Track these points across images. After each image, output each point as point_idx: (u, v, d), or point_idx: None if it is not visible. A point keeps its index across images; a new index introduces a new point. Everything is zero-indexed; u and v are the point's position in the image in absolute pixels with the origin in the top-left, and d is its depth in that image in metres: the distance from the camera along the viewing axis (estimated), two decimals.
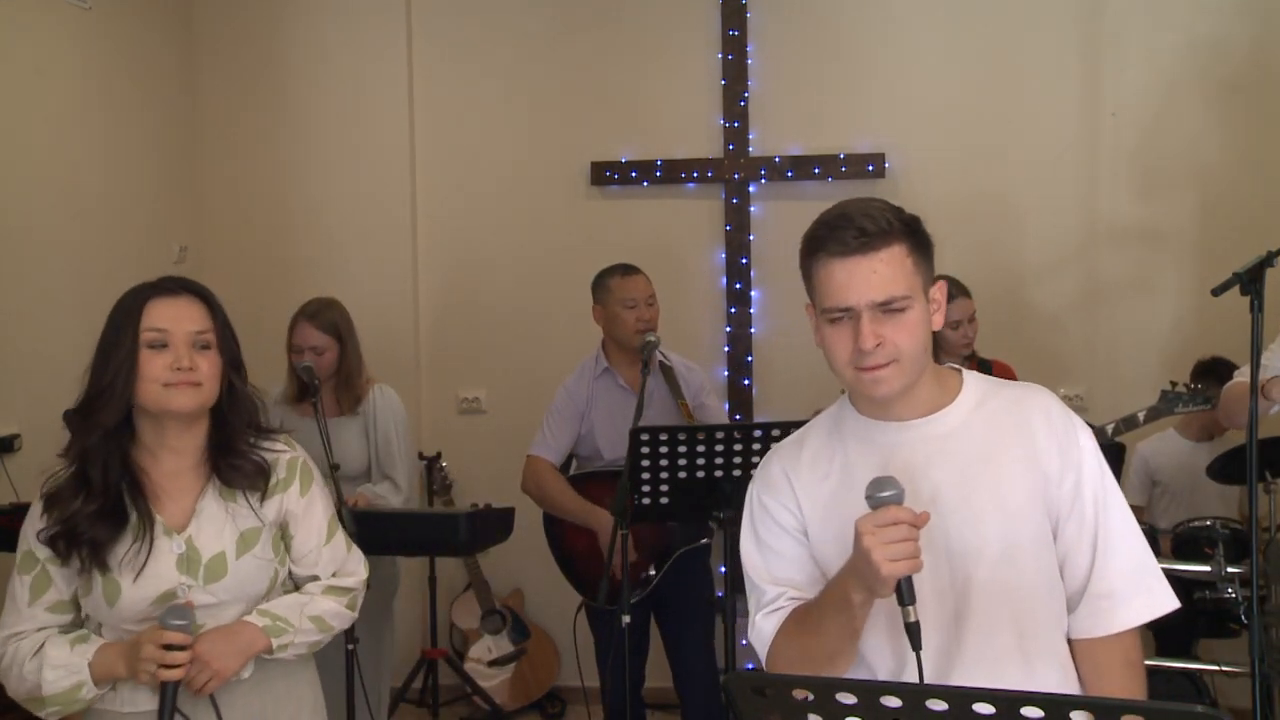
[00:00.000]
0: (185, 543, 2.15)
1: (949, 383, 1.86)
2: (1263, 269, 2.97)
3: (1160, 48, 4.89)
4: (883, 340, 1.73)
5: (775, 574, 1.87)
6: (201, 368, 2.16)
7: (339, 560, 2.32)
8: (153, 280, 2.28)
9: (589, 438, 3.91)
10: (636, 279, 3.86)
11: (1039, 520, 1.77)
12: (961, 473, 1.78)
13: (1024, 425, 1.80)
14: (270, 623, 2.17)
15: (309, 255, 5.19)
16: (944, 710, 1.30)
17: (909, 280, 1.75)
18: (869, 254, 1.74)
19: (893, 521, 1.62)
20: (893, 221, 1.76)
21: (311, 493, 2.29)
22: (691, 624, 3.82)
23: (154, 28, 5.08)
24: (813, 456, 1.89)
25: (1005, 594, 1.75)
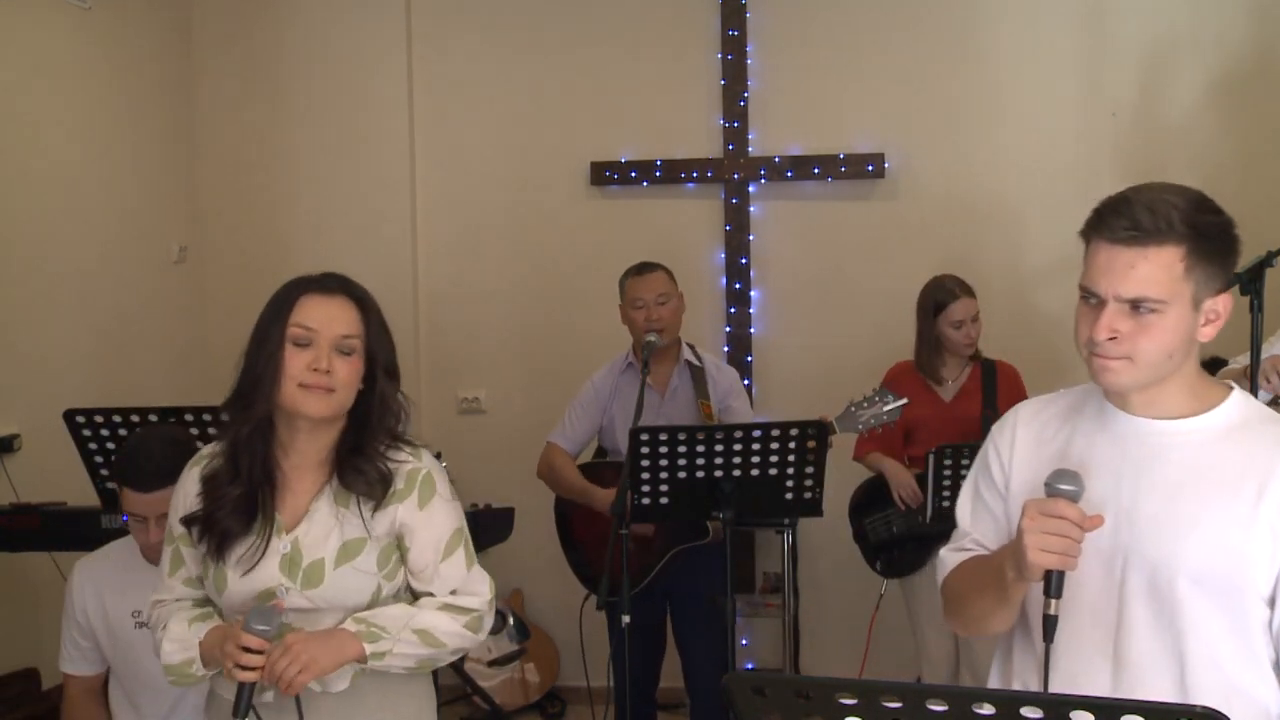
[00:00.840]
0: (291, 544, 2.13)
1: (1208, 395, 1.76)
2: (1262, 269, 2.98)
3: (1161, 47, 4.89)
4: (1119, 336, 1.68)
5: (972, 518, 1.90)
6: (340, 373, 2.11)
7: (458, 579, 2.19)
8: (310, 274, 2.22)
9: (609, 431, 3.94)
10: (647, 279, 3.85)
11: (1250, 569, 1.65)
12: (1173, 486, 1.70)
13: (1271, 462, 1.67)
14: (365, 629, 2.08)
15: (309, 255, 5.15)
16: (944, 711, 1.30)
17: (1172, 285, 1.66)
18: (1134, 247, 1.66)
19: (1058, 514, 1.62)
20: (1174, 222, 1.66)
21: (432, 506, 2.18)
22: (704, 624, 3.82)
23: (154, 28, 5.08)
24: (1049, 419, 1.88)
25: (1165, 621, 1.68)
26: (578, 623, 3.76)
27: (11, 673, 3.99)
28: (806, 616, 5.02)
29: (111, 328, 4.66)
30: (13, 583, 4.03)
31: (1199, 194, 1.73)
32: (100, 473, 3.35)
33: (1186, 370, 1.74)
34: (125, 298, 4.76)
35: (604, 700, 3.98)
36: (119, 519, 3.26)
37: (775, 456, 3.26)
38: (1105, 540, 1.70)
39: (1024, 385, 4.02)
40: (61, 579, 2.84)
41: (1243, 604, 1.67)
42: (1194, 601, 1.67)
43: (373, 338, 2.17)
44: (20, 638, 4.02)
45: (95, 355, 4.57)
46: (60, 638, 2.80)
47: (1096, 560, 1.70)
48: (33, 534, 3.54)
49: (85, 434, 3.32)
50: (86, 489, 3.43)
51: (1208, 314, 1.71)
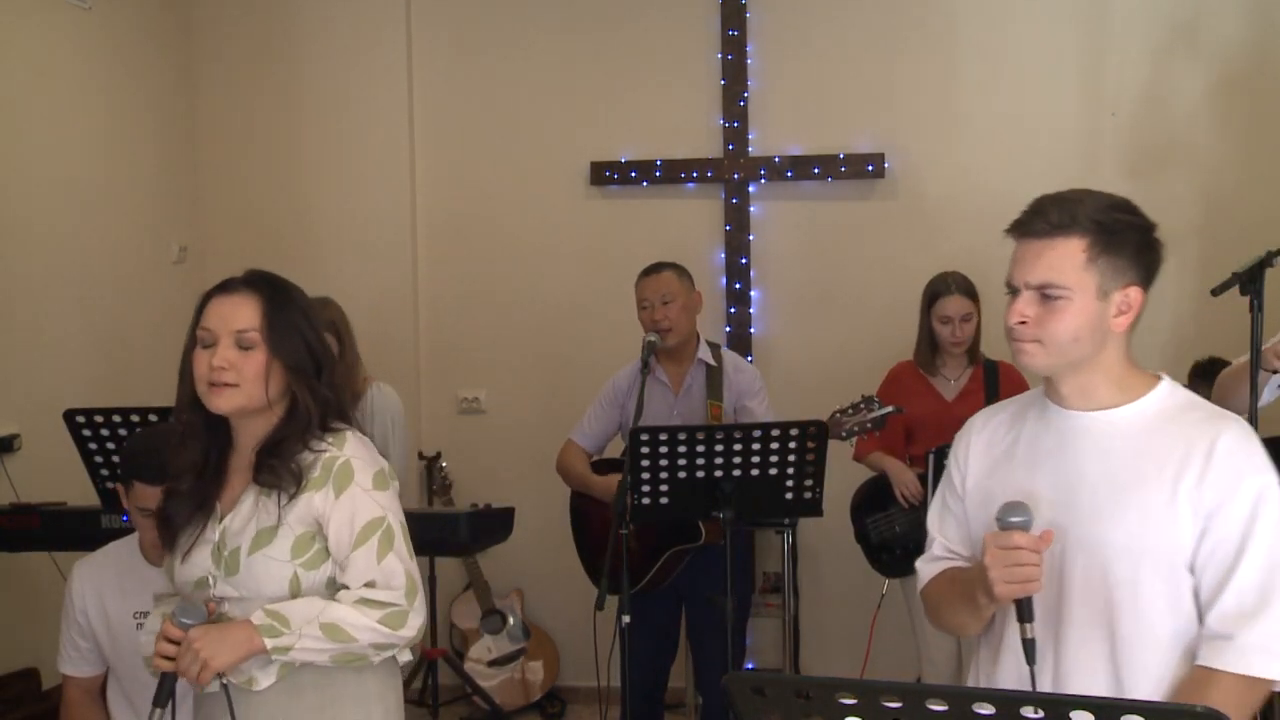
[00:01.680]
0: (220, 533, 2.17)
1: (1136, 386, 1.90)
2: (1262, 269, 2.97)
3: (1161, 47, 4.89)
4: (1028, 320, 1.84)
5: (940, 525, 2.07)
6: (242, 368, 2.12)
7: (369, 570, 2.12)
8: (230, 277, 2.25)
9: (626, 429, 3.94)
10: (652, 279, 3.86)
11: (1173, 541, 1.80)
12: (1105, 472, 1.85)
13: (1195, 447, 1.81)
14: (267, 622, 2.07)
15: (309, 255, 5.18)
16: (944, 711, 1.30)
17: (1076, 275, 1.82)
18: (1042, 239, 1.85)
19: (1013, 546, 1.76)
20: (1079, 216, 1.83)
21: (350, 494, 2.14)
22: (717, 626, 3.82)
23: (154, 28, 5.09)
24: (998, 423, 2.03)
25: (1108, 597, 1.82)
26: (577, 623, 3.77)
27: (11, 673, 3.99)
28: (806, 616, 5.02)
29: (111, 328, 4.66)
30: (13, 583, 4.03)
31: (1119, 199, 1.90)
32: (100, 473, 3.35)
33: (1110, 361, 1.88)
34: (125, 298, 4.76)
35: (608, 701, 3.98)
36: (119, 519, 3.26)
37: (775, 456, 3.27)
38: (1044, 526, 1.83)
39: (1028, 386, 4.02)
40: (61, 579, 2.84)
41: (1173, 577, 1.81)
42: (1127, 577, 1.81)
43: (272, 331, 2.15)
44: (20, 638, 4.02)
45: (95, 355, 4.57)
46: (59, 638, 2.80)
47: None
48: (33, 534, 3.54)
49: (85, 434, 3.32)
50: (86, 489, 3.43)
51: (1118, 305, 1.85)
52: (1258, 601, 1.76)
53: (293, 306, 2.21)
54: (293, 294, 2.24)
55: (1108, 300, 1.84)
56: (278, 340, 2.16)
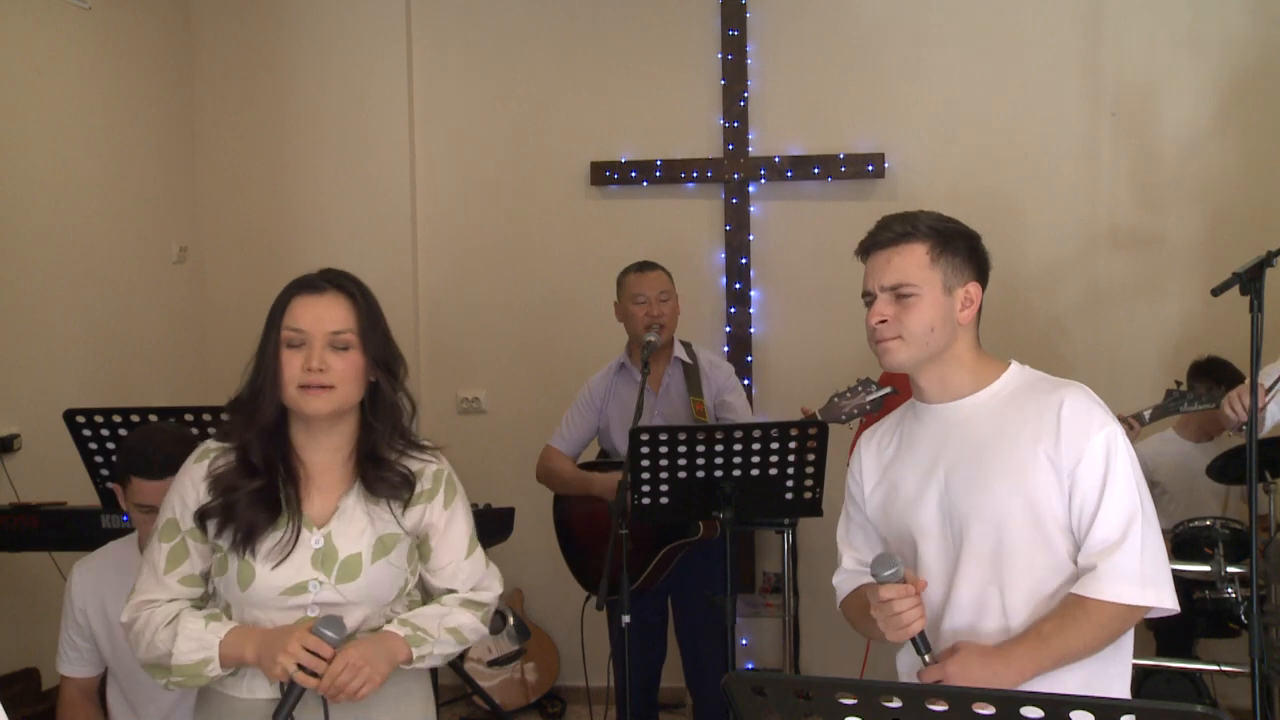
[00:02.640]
0: (324, 538, 2.15)
1: (987, 373, 2.14)
2: (1262, 269, 2.98)
3: (1161, 47, 4.89)
4: (887, 319, 2.07)
5: (847, 539, 2.31)
6: (336, 369, 2.12)
7: (477, 575, 2.30)
8: (307, 275, 2.22)
9: (606, 433, 3.96)
10: (649, 275, 3.87)
11: (1035, 499, 2.00)
12: (974, 450, 2.06)
13: (1044, 415, 2.03)
14: (412, 632, 2.16)
15: (309, 255, 5.15)
16: (944, 710, 1.30)
17: (922, 274, 2.07)
18: (889, 248, 2.10)
19: (890, 599, 1.96)
20: (918, 225, 2.10)
21: (454, 506, 2.28)
22: (706, 624, 3.82)
23: (154, 27, 5.09)
24: (882, 435, 2.26)
25: (990, 557, 2.02)
26: (578, 623, 3.76)
27: (11, 673, 3.99)
28: (806, 616, 5.03)
29: (111, 328, 4.67)
30: (13, 583, 4.03)
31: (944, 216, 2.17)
32: (100, 473, 3.35)
33: (962, 353, 2.12)
34: (125, 298, 4.76)
35: (604, 700, 3.98)
36: (119, 519, 3.26)
37: (775, 456, 3.27)
38: (935, 518, 2.08)
39: None
40: (61, 579, 2.84)
41: (1044, 534, 2.01)
42: (1010, 539, 2.01)
43: (366, 332, 2.17)
44: (20, 638, 4.02)
45: (95, 355, 4.57)
46: (58, 639, 2.80)
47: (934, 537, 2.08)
48: (33, 534, 3.53)
49: (85, 434, 3.32)
50: (86, 489, 3.43)
51: (962, 300, 2.11)
52: (1118, 536, 1.97)
53: (377, 307, 2.23)
54: (372, 294, 2.25)
55: (952, 295, 2.09)
56: (369, 342, 2.17)
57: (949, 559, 2.06)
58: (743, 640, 5.10)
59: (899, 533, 2.16)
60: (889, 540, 2.20)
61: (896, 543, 2.17)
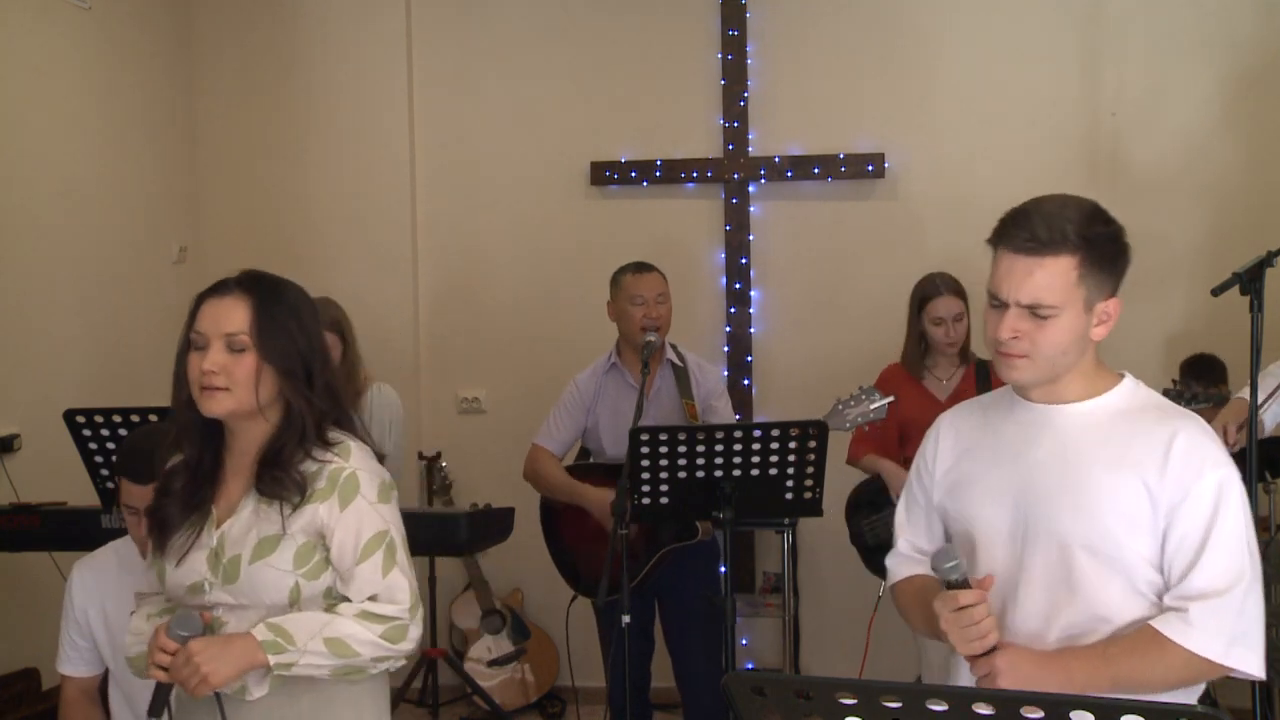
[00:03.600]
0: (218, 539, 2.15)
1: (1100, 382, 1.96)
2: (1262, 269, 2.98)
3: (1161, 47, 4.89)
4: (1020, 336, 1.88)
5: (907, 523, 2.14)
6: (233, 372, 2.10)
7: (374, 584, 2.13)
8: (224, 278, 2.24)
9: (594, 433, 3.94)
10: (647, 277, 3.86)
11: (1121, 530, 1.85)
12: (1067, 459, 1.90)
13: (1153, 443, 1.87)
14: (271, 638, 2.05)
15: (309, 255, 5.18)
16: (944, 710, 1.30)
17: (1065, 292, 1.86)
18: (1032, 257, 1.87)
19: (961, 606, 1.82)
20: (1069, 234, 1.86)
21: (354, 507, 2.13)
22: (693, 623, 3.82)
23: (154, 28, 5.09)
24: (966, 417, 2.11)
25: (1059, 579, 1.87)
26: (577, 623, 3.76)
27: (11, 673, 3.99)
28: (806, 616, 5.02)
29: (111, 328, 4.66)
30: (13, 583, 4.03)
31: (1093, 205, 1.94)
32: (100, 472, 3.35)
33: (1082, 363, 1.94)
34: (125, 298, 4.76)
35: (598, 700, 3.98)
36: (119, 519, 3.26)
37: (775, 456, 3.26)
38: (1008, 517, 1.92)
39: None
40: (61, 579, 2.84)
41: (1129, 569, 1.86)
42: (1083, 565, 1.86)
43: (262, 334, 2.13)
44: (20, 638, 4.02)
45: (95, 355, 4.57)
46: (59, 638, 2.80)
47: (1002, 536, 1.93)
48: (33, 534, 3.53)
49: (85, 434, 3.32)
50: (86, 489, 3.43)
51: (1099, 315, 1.92)
52: (1221, 588, 1.81)
53: (284, 309, 2.18)
54: (286, 296, 2.21)
55: (1091, 312, 1.90)
56: (268, 344, 2.13)
57: (1013, 565, 1.92)
58: (742, 640, 5.09)
59: (962, 526, 2.02)
60: (952, 532, 2.06)
61: (957, 537, 2.04)
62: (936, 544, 2.08)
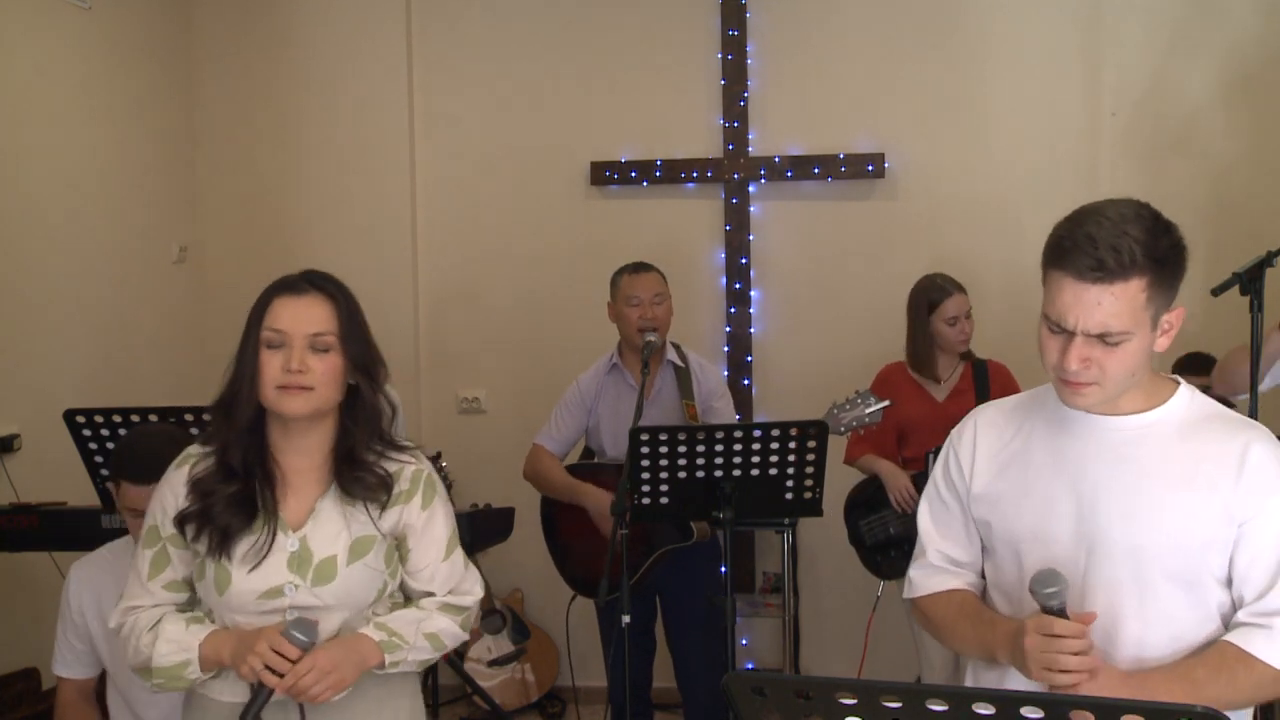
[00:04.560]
0: (300, 541, 2.14)
1: (1158, 393, 1.89)
2: (1262, 269, 2.98)
3: (1161, 47, 4.89)
4: (1089, 363, 1.77)
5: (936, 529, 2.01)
6: (316, 370, 2.11)
7: (456, 577, 2.27)
8: (288, 276, 2.22)
9: (595, 433, 3.95)
10: (643, 277, 3.86)
11: (1196, 546, 1.79)
12: (1135, 474, 1.82)
13: (1223, 454, 1.81)
14: (386, 638, 2.14)
15: (309, 255, 5.14)
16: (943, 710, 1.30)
17: (1135, 316, 1.76)
18: (1100, 285, 1.75)
19: (1059, 635, 1.72)
20: (1137, 256, 1.75)
21: (433, 507, 2.24)
22: (693, 623, 3.82)
23: (154, 28, 5.09)
24: (1006, 423, 1.98)
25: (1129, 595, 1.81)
26: (577, 623, 3.77)
27: (11, 673, 3.99)
28: (806, 616, 5.03)
29: (111, 328, 4.66)
30: (13, 583, 4.03)
31: (1152, 214, 1.82)
32: (100, 473, 3.35)
33: (1142, 377, 1.86)
34: (125, 298, 4.76)
35: (599, 700, 3.98)
36: (119, 519, 3.26)
37: (775, 456, 3.26)
38: (1069, 530, 1.83)
39: (1017, 383, 4.02)
40: (61, 579, 2.84)
41: (1200, 586, 1.81)
42: (1154, 584, 1.80)
43: (346, 334, 2.16)
44: (20, 638, 4.02)
45: (95, 355, 4.57)
46: (56, 639, 2.79)
47: (1061, 549, 1.83)
48: (33, 534, 3.53)
49: (85, 434, 3.32)
50: (86, 489, 3.43)
51: (1163, 326, 1.83)
52: None
53: (357, 309, 2.23)
54: (353, 296, 2.25)
55: (1158, 328, 1.82)
56: (350, 344, 2.16)
57: (1074, 580, 1.82)
58: (742, 640, 5.09)
59: (1006, 537, 1.93)
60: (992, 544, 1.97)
61: (999, 550, 1.95)
62: (974, 555, 2.00)
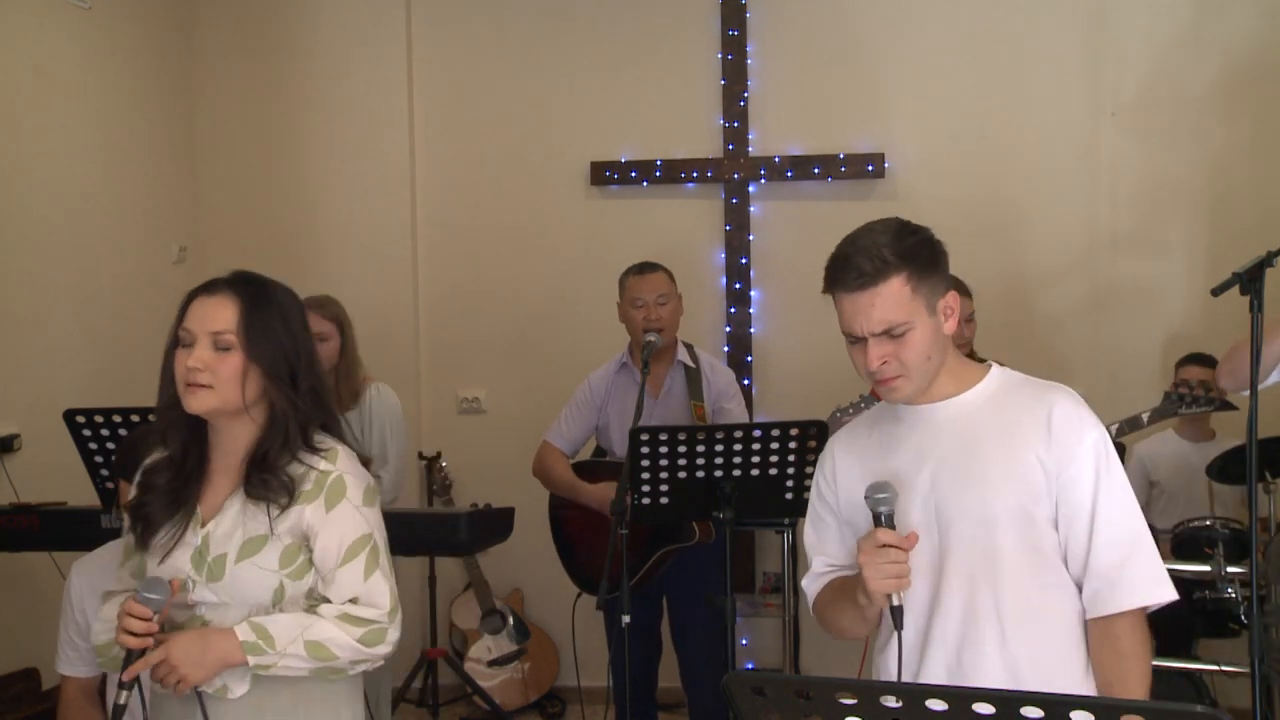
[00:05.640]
0: (203, 538, 2.15)
1: (969, 376, 2.11)
2: (1262, 269, 2.96)
3: (1161, 47, 4.89)
4: (888, 359, 2.00)
5: (819, 544, 2.23)
6: (218, 370, 2.12)
7: (354, 587, 2.15)
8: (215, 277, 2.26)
9: (605, 432, 3.96)
10: (648, 278, 3.86)
11: (1027, 500, 1.99)
12: (963, 450, 2.04)
13: (1032, 418, 2.02)
14: (254, 640, 2.07)
15: (309, 255, 5.19)
16: (943, 710, 1.30)
17: (907, 306, 2.00)
18: (867, 290, 2.01)
19: (883, 544, 1.92)
20: (889, 258, 2.00)
21: (339, 510, 2.16)
22: (697, 623, 3.82)
23: (154, 28, 5.09)
24: (858, 435, 2.21)
25: (981, 557, 2.00)
26: (577, 623, 3.76)
27: (11, 673, 3.99)
28: (806, 616, 5.02)
29: (111, 328, 4.66)
30: (13, 583, 4.03)
31: (897, 222, 2.08)
32: (100, 472, 3.35)
33: (948, 361, 2.09)
34: (125, 298, 4.76)
35: (602, 700, 3.98)
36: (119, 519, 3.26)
37: (775, 456, 3.26)
38: (919, 515, 2.03)
39: None
40: (61, 579, 2.84)
41: (1036, 533, 1.99)
42: (999, 540, 1.99)
43: (250, 334, 2.15)
44: (20, 638, 4.02)
45: (95, 355, 4.57)
46: (58, 638, 2.80)
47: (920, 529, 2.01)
48: (33, 534, 3.53)
49: (85, 434, 3.32)
50: (86, 489, 3.43)
51: (943, 312, 2.05)
52: (1127, 543, 1.97)
53: (273, 310, 2.20)
54: (275, 297, 2.23)
55: (937, 313, 2.04)
56: (254, 343, 2.15)
57: (935, 559, 2.02)
58: (743, 640, 5.10)
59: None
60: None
61: None
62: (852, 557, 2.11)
